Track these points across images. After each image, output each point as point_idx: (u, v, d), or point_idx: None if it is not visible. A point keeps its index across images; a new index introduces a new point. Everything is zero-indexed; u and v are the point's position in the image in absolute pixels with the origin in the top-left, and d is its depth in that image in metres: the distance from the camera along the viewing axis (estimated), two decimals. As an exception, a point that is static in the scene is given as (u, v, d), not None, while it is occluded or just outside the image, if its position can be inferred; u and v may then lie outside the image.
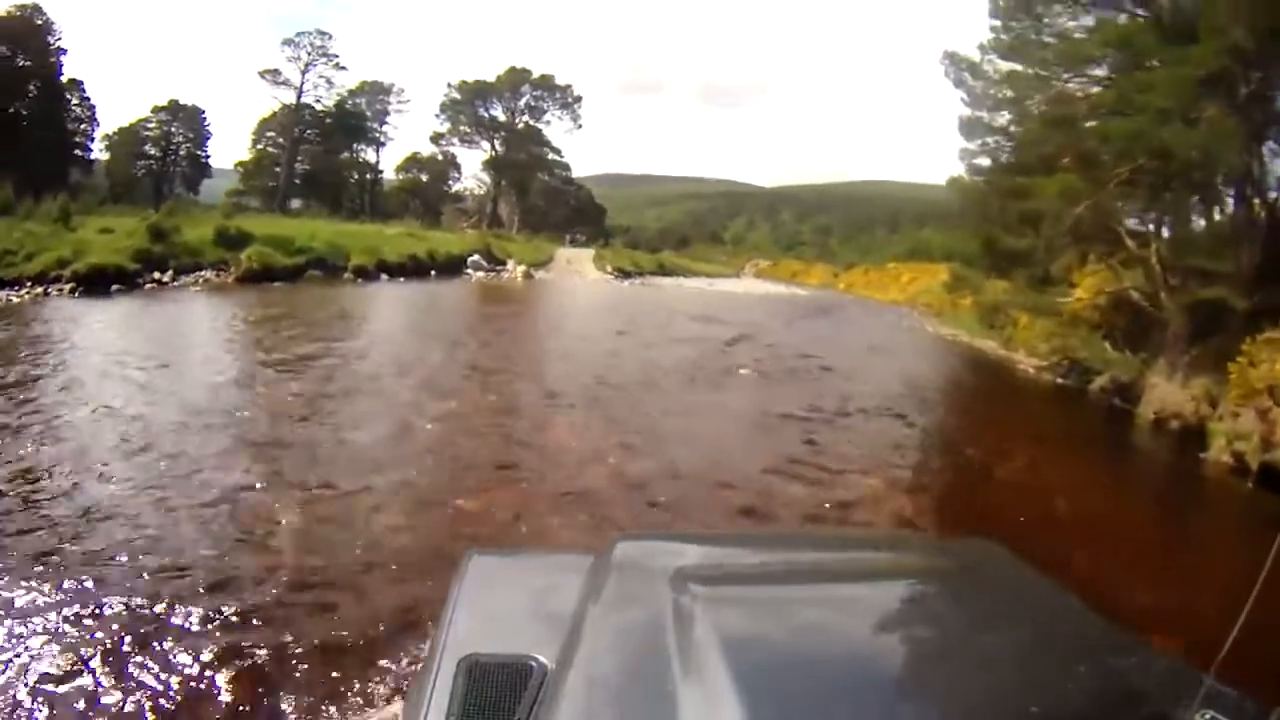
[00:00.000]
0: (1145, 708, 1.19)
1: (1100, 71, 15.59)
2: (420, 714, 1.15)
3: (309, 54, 46.87)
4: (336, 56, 48.31)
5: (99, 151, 51.33)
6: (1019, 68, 17.89)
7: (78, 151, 49.91)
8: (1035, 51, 16.91)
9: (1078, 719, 1.14)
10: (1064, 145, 17.04)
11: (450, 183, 57.71)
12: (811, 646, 1.27)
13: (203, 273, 19.18)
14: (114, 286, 16.10)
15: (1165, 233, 15.12)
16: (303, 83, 47.11)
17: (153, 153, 52.76)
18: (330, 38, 47.48)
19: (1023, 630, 1.40)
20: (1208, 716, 1.00)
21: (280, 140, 46.75)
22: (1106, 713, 1.16)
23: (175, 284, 17.97)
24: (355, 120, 49.82)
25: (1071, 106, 16.25)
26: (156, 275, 18.19)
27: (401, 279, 22.42)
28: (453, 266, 26.56)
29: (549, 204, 58.25)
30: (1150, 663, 1.34)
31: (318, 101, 48.82)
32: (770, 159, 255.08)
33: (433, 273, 24.76)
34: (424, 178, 57.56)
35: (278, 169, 45.99)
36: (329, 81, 48.58)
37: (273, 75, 46.54)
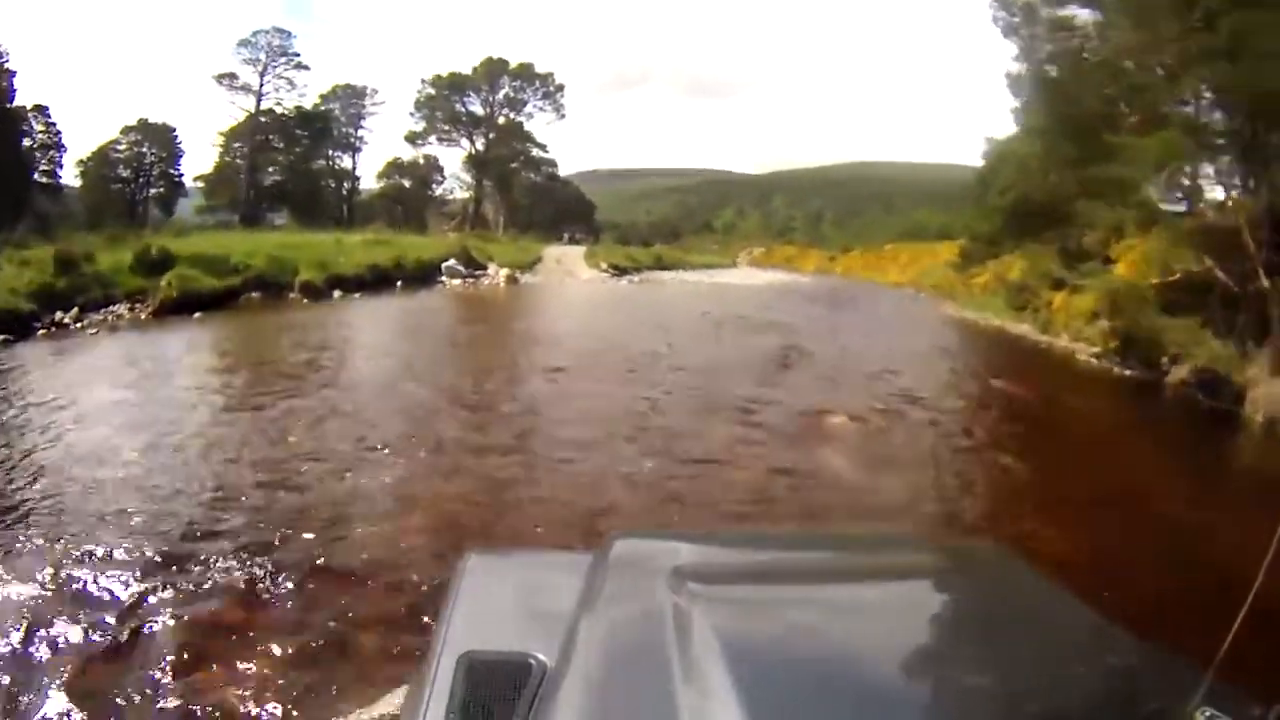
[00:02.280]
0: (1145, 705, 1.13)
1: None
2: (419, 712, 1.09)
3: (267, 54, 42.21)
4: (297, 55, 43.61)
5: (73, 177, 48.06)
6: (1083, 13, 14.74)
7: (44, 179, 46.69)
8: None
9: (1079, 718, 1.09)
10: (1144, 99, 13.96)
11: (434, 187, 53.89)
12: (810, 646, 1.22)
13: (114, 307, 15.45)
14: None
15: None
16: (262, 85, 42.47)
17: (125, 174, 49.19)
18: (290, 36, 42.88)
19: (1023, 629, 1.34)
20: (1207, 714, 0.95)
21: (243, 149, 42.39)
22: (1107, 711, 1.12)
23: (80, 324, 14.25)
24: (321, 122, 45.33)
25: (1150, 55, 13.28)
26: (59, 315, 14.53)
27: (358, 294, 18.61)
28: (424, 275, 22.75)
29: (535, 202, 54.37)
30: (1150, 660, 1.28)
31: (279, 105, 44.16)
32: (759, 146, 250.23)
33: (399, 284, 20.93)
34: (406, 183, 53.80)
35: (241, 178, 41.74)
36: (290, 82, 43.75)
37: (229, 80, 41.94)
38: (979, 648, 1.28)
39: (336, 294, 18.12)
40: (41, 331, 13.51)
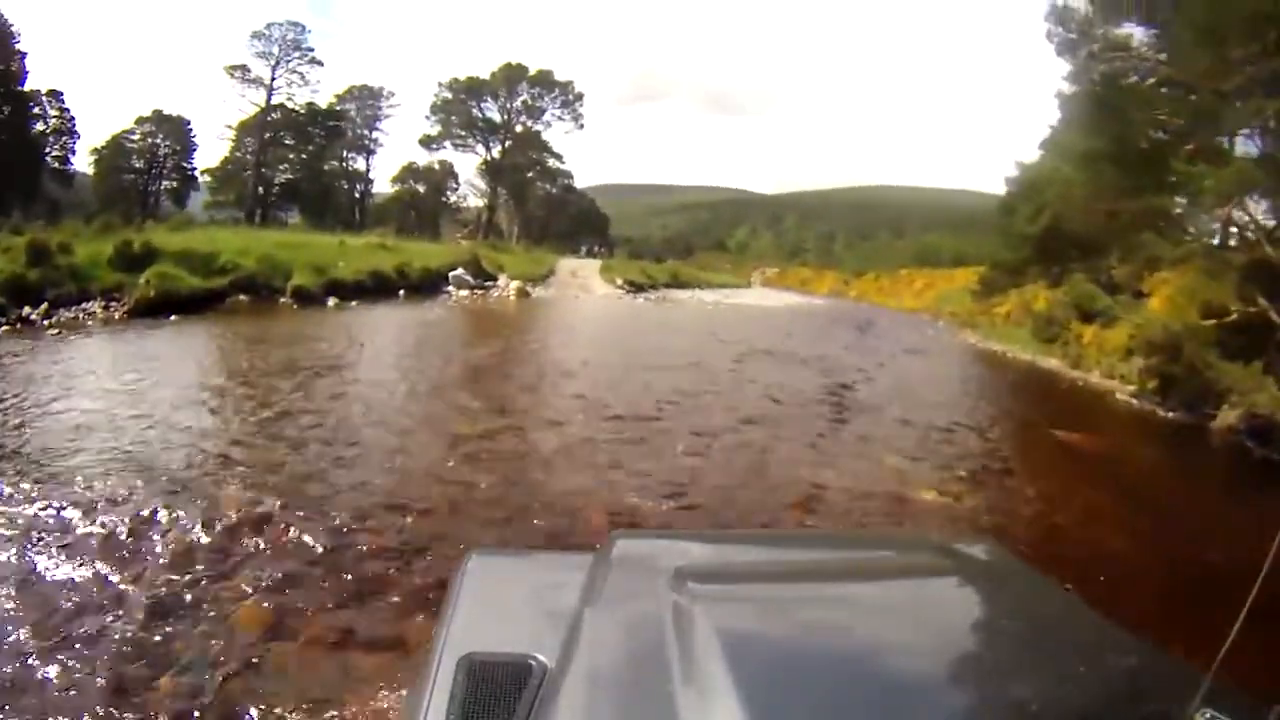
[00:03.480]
0: (1145, 706, 1.12)
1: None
2: (420, 713, 1.06)
3: (280, 48, 40.59)
4: (311, 50, 42.10)
5: (88, 165, 46.82)
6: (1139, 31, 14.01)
7: (55, 165, 45.45)
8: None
9: (1078, 717, 1.07)
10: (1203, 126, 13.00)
11: (448, 194, 52.44)
12: (811, 645, 1.21)
13: (88, 304, 13.88)
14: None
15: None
16: (273, 79, 40.79)
17: (138, 165, 47.91)
18: (304, 30, 41.43)
19: (1023, 629, 1.32)
20: (1207, 715, 0.93)
21: (253, 144, 40.75)
22: (1106, 711, 1.10)
23: (48, 322, 12.70)
24: (334, 120, 43.74)
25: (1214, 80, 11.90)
26: (26, 311, 12.98)
27: (355, 303, 16.94)
28: (430, 284, 21.14)
29: (551, 213, 52.90)
30: (1150, 661, 1.26)
31: (290, 100, 42.47)
32: (773, 166, 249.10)
33: (401, 293, 19.29)
34: (421, 188, 52.39)
35: (248, 174, 40.13)
36: (302, 77, 42.01)
37: (241, 72, 40.35)
38: (979, 647, 1.27)
39: (331, 301, 16.44)
40: (5, 328, 11.95)
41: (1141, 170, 13.98)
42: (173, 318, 13.20)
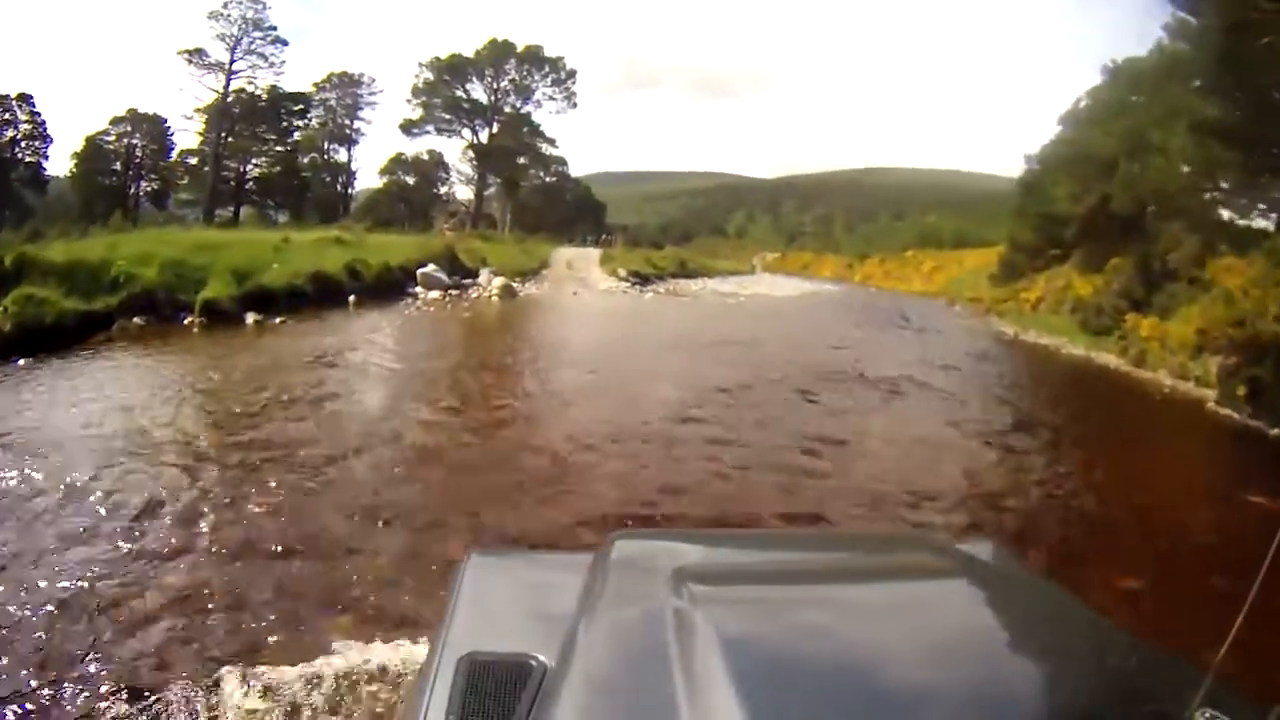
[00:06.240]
0: (1145, 706, 1.06)
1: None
2: (420, 713, 1.04)
3: (240, 28, 35.24)
4: (274, 29, 36.52)
5: (68, 171, 42.98)
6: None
7: (26, 171, 41.68)
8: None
9: (1078, 718, 1.05)
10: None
11: (439, 185, 48.12)
12: (810, 646, 1.15)
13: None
14: None
15: None
16: (232, 61, 35.48)
17: (115, 167, 43.94)
18: (265, 6, 35.66)
19: (1023, 629, 1.26)
20: (1208, 715, 0.90)
21: (214, 135, 36.03)
22: (1107, 711, 1.05)
23: None
24: (301, 103, 38.78)
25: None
26: None
27: (286, 317, 12.68)
28: (392, 285, 17.05)
29: (546, 202, 48.57)
30: (1150, 661, 1.22)
31: (252, 84, 37.31)
32: (769, 150, 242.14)
33: (352, 299, 15.13)
34: (410, 180, 48.08)
35: (206, 169, 35.60)
36: (264, 58, 36.60)
37: (198, 56, 35.15)
38: (979, 648, 1.20)
39: (251, 318, 12.18)
40: None
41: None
42: (21, 362, 9.14)
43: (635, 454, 6.19)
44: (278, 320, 12.34)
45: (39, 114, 42.28)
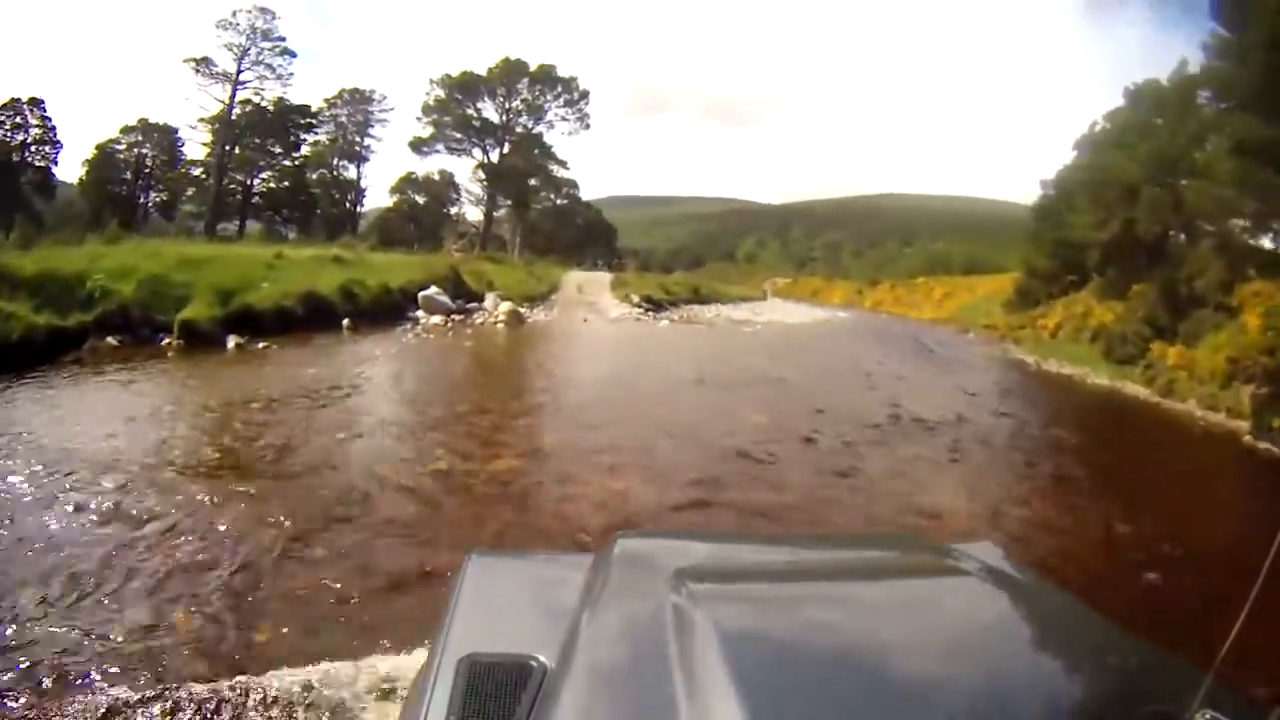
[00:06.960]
0: (1146, 706, 1.04)
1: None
2: (420, 714, 1.01)
3: (248, 37, 34.19)
4: (283, 40, 35.58)
5: (79, 177, 42.46)
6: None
7: (35, 176, 41.15)
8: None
9: (1079, 717, 1.04)
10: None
11: (449, 205, 47.32)
12: (811, 646, 1.14)
13: None
14: None
15: None
16: (239, 71, 34.35)
17: (125, 176, 43.38)
18: (274, 16, 34.73)
19: (1023, 629, 1.28)
20: (1208, 716, 0.90)
21: (219, 146, 35.09)
22: (1107, 711, 1.05)
23: None
24: (309, 117, 37.82)
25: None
26: None
27: (271, 341, 11.51)
28: (391, 308, 16.00)
29: (556, 225, 47.73)
30: (1150, 661, 1.20)
31: (259, 95, 36.25)
32: (778, 176, 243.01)
33: (346, 322, 14.12)
34: (420, 199, 47.34)
35: (209, 182, 34.65)
36: (272, 69, 35.47)
37: (205, 65, 34.07)
38: (979, 648, 1.18)
39: (233, 341, 11.13)
40: None
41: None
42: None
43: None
44: (261, 345, 11.21)
45: (49, 119, 41.87)
